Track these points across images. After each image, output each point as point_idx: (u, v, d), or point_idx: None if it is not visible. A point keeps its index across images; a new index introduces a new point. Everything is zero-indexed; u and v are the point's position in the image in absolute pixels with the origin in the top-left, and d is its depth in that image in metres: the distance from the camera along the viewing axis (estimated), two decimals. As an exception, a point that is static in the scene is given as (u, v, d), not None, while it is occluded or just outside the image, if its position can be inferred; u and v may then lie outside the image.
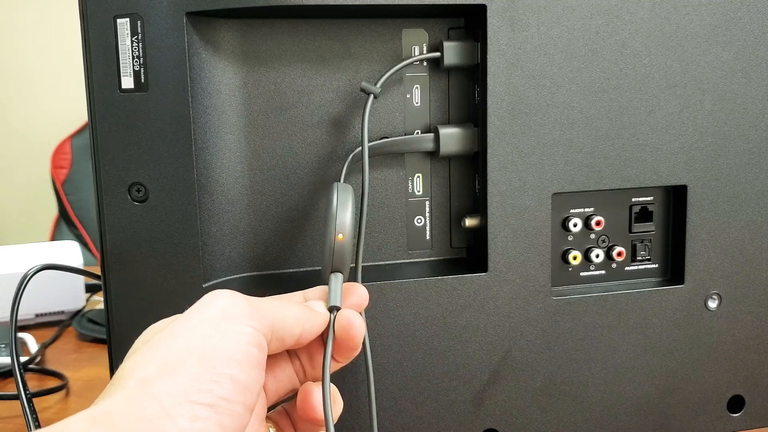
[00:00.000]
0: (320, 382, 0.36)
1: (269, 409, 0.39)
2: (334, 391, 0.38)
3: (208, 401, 0.30)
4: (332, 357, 0.38)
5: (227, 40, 0.44)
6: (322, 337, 0.38)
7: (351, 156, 0.45)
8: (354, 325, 0.37)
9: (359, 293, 0.40)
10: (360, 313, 0.39)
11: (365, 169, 0.43)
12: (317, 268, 0.47)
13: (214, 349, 0.31)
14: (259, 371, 0.33)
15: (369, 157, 0.44)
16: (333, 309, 0.38)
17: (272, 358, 0.38)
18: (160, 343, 0.32)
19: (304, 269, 0.47)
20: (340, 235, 0.39)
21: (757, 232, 0.50)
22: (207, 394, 0.30)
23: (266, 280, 0.46)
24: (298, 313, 0.36)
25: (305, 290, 0.40)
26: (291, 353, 0.39)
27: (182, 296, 0.43)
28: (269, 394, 0.38)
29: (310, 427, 0.39)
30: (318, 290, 0.40)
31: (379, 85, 0.44)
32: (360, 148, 0.44)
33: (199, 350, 0.31)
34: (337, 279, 0.39)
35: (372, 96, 0.44)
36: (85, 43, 0.41)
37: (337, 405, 0.39)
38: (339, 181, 0.44)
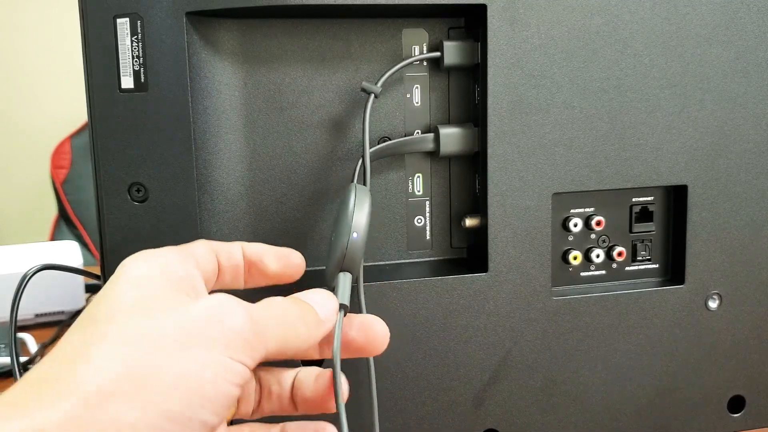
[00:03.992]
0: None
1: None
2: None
3: None
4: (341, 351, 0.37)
5: (227, 40, 0.44)
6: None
7: (360, 160, 0.44)
8: (376, 332, 0.37)
9: (375, 329, 0.38)
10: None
11: (367, 170, 0.43)
12: (318, 267, 0.47)
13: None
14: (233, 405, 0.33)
15: (372, 161, 0.44)
16: (341, 307, 0.37)
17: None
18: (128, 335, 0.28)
19: (305, 269, 0.47)
20: (355, 234, 0.38)
21: (757, 232, 0.50)
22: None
23: (266, 280, 0.46)
24: (303, 333, 0.34)
25: (300, 293, 0.36)
26: None
27: (182, 296, 0.43)
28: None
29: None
30: (318, 292, 0.37)
31: (379, 84, 0.44)
32: (365, 150, 0.44)
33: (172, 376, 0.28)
34: (346, 277, 0.38)
35: (373, 96, 0.44)
36: (84, 43, 0.41)
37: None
38: (352, 181, 0.43)
